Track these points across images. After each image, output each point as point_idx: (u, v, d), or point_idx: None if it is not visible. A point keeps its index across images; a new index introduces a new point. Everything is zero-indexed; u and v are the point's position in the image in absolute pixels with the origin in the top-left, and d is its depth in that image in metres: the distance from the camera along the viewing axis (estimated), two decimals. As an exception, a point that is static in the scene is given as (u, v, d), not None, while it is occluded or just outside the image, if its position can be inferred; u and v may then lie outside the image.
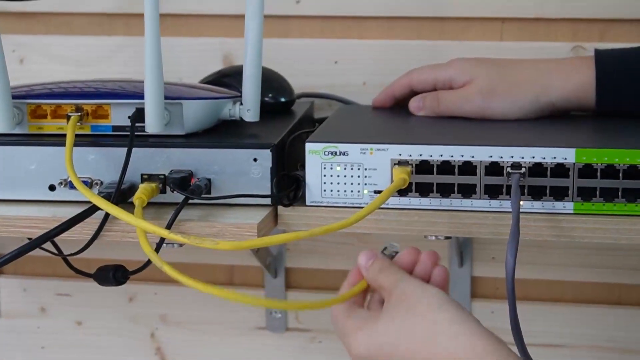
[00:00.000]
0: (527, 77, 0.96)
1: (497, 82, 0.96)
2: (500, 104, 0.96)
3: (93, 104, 0.90)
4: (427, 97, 1.00)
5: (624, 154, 0.81)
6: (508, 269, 0.77)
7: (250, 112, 0.91)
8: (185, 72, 1.22)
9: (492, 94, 0.96)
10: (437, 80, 0.99)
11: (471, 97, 0.96)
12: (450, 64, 1.00)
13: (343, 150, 0.84)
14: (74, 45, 1.26)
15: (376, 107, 1.06)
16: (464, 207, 0.84)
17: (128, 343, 1.33)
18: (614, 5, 1.14)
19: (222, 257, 1.30)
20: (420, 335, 0.71)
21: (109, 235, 0.85)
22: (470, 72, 0.97)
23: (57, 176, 0.88)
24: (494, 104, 0.96)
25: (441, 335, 0.71)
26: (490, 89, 0.96)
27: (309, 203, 0.85)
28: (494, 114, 0.96)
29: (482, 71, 0.97)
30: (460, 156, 0.83)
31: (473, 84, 0.96)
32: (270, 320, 1.29)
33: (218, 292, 0.71)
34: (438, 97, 0.99)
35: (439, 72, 1.00)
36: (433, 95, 0.99)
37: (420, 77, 1.01)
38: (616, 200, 0.82)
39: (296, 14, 1.21)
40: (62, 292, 1.33)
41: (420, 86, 1.01)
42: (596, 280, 1.22)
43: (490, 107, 0.96)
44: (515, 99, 0.96)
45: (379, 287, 0.77)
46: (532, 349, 1.21)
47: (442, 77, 0.99)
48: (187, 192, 0.84)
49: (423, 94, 1.00)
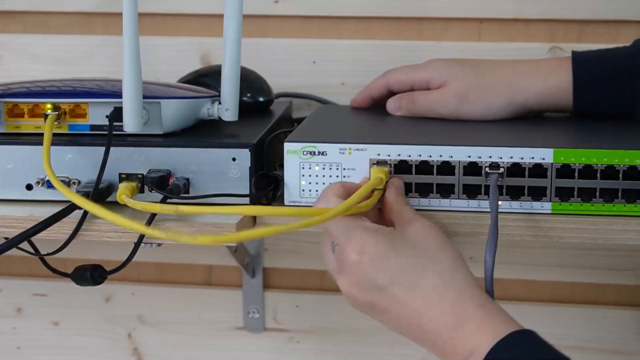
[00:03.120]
0: (501, 80, 0.97)
1: (471, 85, 0.96)
2: (474, 106, 0.96)
3: (71, 103, 0.89)
4: (404, 97, 1.00)
5: (602, 154, 0.81)
6: (487, 268, 0.77)
7: (229, 112, 0.91)
8: (163, 72, 1.21)
9: (466, 97, 0.96)
10: (414, 81, 1.00)
11: (446, 99, 0.97)
12: (427, 65, 1.00)
13: (322, 150, 0.84)
14: (51, 44, 1.25)
15: (354, 108, 1.06)
16: (443, 207, 0.84)
17: (105, 343, 1.33)
18: (591, 6, 1.15)
19: (201, 257, 1.30)
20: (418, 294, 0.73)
21: (87, 234, 0.84)
22: (446, 73, 0.98)
23: (34, 175, 0.87)
24: (467, 107, 0.96)
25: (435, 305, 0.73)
26: (464, 92, 0.96)
27: (288, 203, 0.85)
28: (467, 116, 0.97)
29: (458, 73, 0.97)
30: (439, 156, 0.83)
31: (448, 87, 0.97)
32: (248, 321, 1.29)
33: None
34: (414, 98, 0.99)
35: (415, 73, 1.00)
36: (409, 96, 1.00)
37: (397, 78, 1.01)
38: (594, 200, 0.82)
39: (274, 14, 1.21)
40: (39, 293, 1.33)
41: (397, 87, 1.02)
42: (573, 280, 1.23)
43: (464, 109, 0.97)
44: (489, 102, 0.96)
45: (398, 210, 0.79)
46: (510, 349, 1.22)
47: (418, 78, 1.00)
48: (165, 191, 0.83)
49: (400, 95, 1.01)
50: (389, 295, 0.74)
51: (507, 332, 0.70)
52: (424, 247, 0.75)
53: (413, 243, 0.75)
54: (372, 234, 0.75)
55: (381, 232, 0.76)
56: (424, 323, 0.73)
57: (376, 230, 0.76)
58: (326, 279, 1.27)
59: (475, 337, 0.70)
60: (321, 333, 1.28)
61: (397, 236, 0.76)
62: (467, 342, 0.71)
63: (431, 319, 0.73)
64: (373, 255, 0.74)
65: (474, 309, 0.72)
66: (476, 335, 0.70)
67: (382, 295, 0.74)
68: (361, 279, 0.75)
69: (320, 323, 1.28)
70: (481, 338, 0.70)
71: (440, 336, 0.72)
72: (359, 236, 0.75)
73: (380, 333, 1.26)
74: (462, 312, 0.72)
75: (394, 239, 0.75)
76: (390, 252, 0.74)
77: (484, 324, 0.71)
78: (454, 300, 0.73)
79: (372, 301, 0.75)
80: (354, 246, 0.75)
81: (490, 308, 0.72)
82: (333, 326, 1.27)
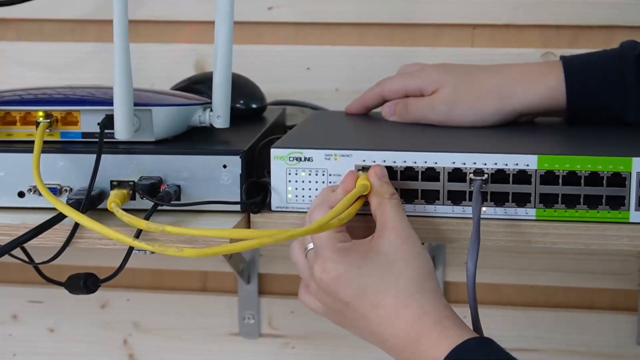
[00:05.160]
0: (491, 86, 0.97)
1: (461, 92, 0.97)
2: (463, 113, 0.97)
3: (62, 111, 0.90)
4: (399, 103, 1.01)
5: (586, 160, 0.81)
6: (469, 275, 0.78)
7: (220, 119, 0.91)
8: (158, 79, 1.21)
9: (456, 103, 0.97)
10: (407, 89, 1.01)
11: (436, 106, 0.98)
12: (420, 72, 1.01)
13: (308, 156, 0.84)
14: (46, 51, 1.26)
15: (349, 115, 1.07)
16: (428, 213, 0.84)
17: (101, 350, 1.33)
18: (584, 12, 1.15)
19: (196, 264, 1.30)
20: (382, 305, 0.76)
21: (81, 242, 0.85)
22: (437, 81, 0.99)
23: (26, 183, 0.87)
24: (457, 114, 0.97)
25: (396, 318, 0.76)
26: (454, 99, 0.97)
27: (274, 208, 0.85)
28: (458, 123, 0.97)
29: (448, 80, 0.98)
30: (424, 162, 0.83)
31: (439, 94, 0.98)
32: (243, 327, 1.29)
33: None
34: (407, 104, 1.00)
35: (408, 82, 1.01)
36: (403, 102, 1.01)
37: (391, 87, 1.02)
38: (578, 206, 0.82)
39: (268, 20, 1.21)
40: (34, 299, 1.33)
41: (391, 96, 1.03)
42: (568, 285, 1.23)
43: (455, 116, 0.98)
44: (478, 109, 0.97)
45: (378, 215, 0.80)
46: (505, 354, 1.22)
47: (411, 86, 1.01)
48: (156, 198, 0.83)
49: (396, 100, 1.02)
50: (353, 310, 0.77)
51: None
52: (393, 261, 0.77)
53: (384, 258, 0.77)
54: (341, 255, 0.77)
55: (352, 251, 0.78)
56: (386, 339, 0.76)
57: (346, 250, 0.78)
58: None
59: (434, 351, 0.73)
60: (316, 338, 1.28)
61: (369, 251, 0.78)
62: (427, 356, 0.74)
63: (392, 335, 0.76)
64: (338, 273, 0.77)
65: (431, 325, 0.74)
66: (434, 349, 0.73)
67: (347, 309, 0.78)
68: (327, 291, 0.78)
69: (316, 328, 1.28)
70: (439, 350, 0.73)
71: (403, 350, 0.76)
72: (327, 256, 0.78)
73: (375, 338, 1.26)
74: (420, 328, 0.75)
75: (365, 255, 0.77)
76: (356, 271, 0.77)
77: (441, 338, 0.73)
78: (413, 319, 0.75)
79: (339, 310, 0.78)
80: (320, 264, 0.78)
81: (449, 322, 0.75)
82: (328, 331, 1.28)
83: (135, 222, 0.79)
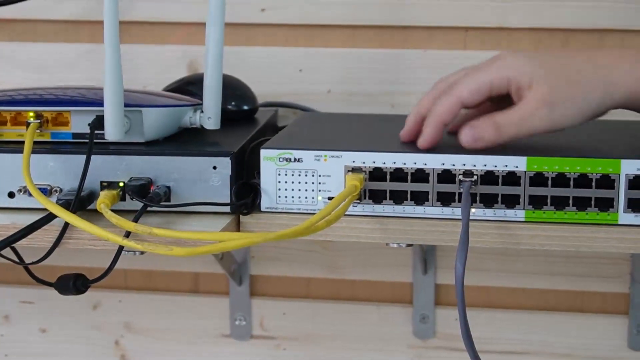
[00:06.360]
0: (590, 74, 0.81)
1: (561, 86, 0.80)
2: (570, 113, 0.81)
3: (53, 111, 0.90)
4: (481, 125, 0.82)
5: (575, 162, 0.81)
6: (457, 276, 0.78)
7: (211, 120, 0.91)
8: (150, 80, 1.22)
9: (556, 104, 0.80)
10: (492, 86, 0.82)
11: (535, 111, 0.80)
12: (501, 63, 0.83)
13: (297, 157, 0.85)
14: (38, 52, 1.26)
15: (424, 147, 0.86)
16: (417, 214, 0.84)
17: (92, 351, 1.33)
18: (575, 15, 1.15)
19: (187, 265, 1.30)
20: None
21: (70, 242, 0.85)
22: (530, 73, 0.81)
23: (16, 183, 0.87)
24: (561, 114, 0.80)
25: None
26: (554, 98, 0.80)
27: (264, 209, 0.86)
28: (561, 126, 0.81)
29: (539, 73, 0.81)
30: (413, 163, 0.83)
31: (533, 94, 0.80)
32: (235, 328, 1.29)
33: None
34: (496, 123, 0.81)
35: (492, 75, 0.82)
36: (488, 123, 0.81)
37: (469, 87, 0.82)
38: (567, 208, 0.82)
39: (261, 22, 1.21)
40: (26, 300, 1.33)
41: (472, 98, 0.83)
42: (559, 288, 1.23)
43: (558, 119, 0.80)
44: (585, 105, 0.81)
45: None
46: (495, 356, 1.23)
47: (498, 80, 0.82)
48: (146, 199, 0.83)
49: (473, 123, 0.82)
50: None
51: None
52: None
53: None
54: None
55: None
56: None
57: None
58: (312, 286, 1.27)
59: None
60: (308, 340, 1.28)
61: None
62: None
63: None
64: None
65: None
66: None
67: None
68: None
69: (307, 330, 1.28)
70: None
71: None
72: None
73: (367, 339, 1.27)
74: None
75: None
76: None
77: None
78: None
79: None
80: None
81: None
82: (320, 333, 1.28)
83: (123, 224, 0.79)
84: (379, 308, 1.26)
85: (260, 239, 0.74)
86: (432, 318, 1.24)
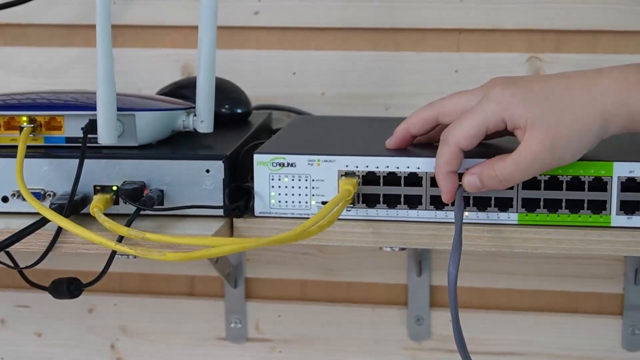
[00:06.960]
0: (584, 108, 0.79)
1: (556, 126, 0.78)
2: (568, 149, 0.79)
3: (46, 116, 0.90)
4: (483, 173, 0.81)
5: (567, 166, 0.81)
6: (450, 279, 0.78)
7: (204, 124, 0.91)
8: (144, 83, 1.22)
9: (555, 142, 0.78)
10: (489, 126, 0.80)
11: (536, 156, 0.78)
12: (495, 104, 0.80)
13: (291, 162, 0.85)
14: (32, 56, 1.26)
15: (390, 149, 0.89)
16: (410, 218, 0.84)
17: (88, 354, 1.33)
18: (568, 16, 1.15)
19: (183, 268, 1.30)
20: None
21: (64, 247, 0.85)
22: (524, 116, 0.78)
23: (10, 188, 0.88)
24: (561, 154, 0.79)
25: None
26: (552, 139, 0.78)
27: (257, 214, 0.86)
28: (565, 162, 0.80)
29: (536, 114, 0.78)
30: (406, 167, 0.83)
31: (531, 138, 0.78)
32: (230, 331, 1.29)
33: None
34: (495, 171, 0.80)
35: (489, 119, 0.79)
36: (489, 172, 0.80)
37: (469, 134, 0.80)
38: (560, 211, 0.83)
39: (254, 25, 1.21)
40: (22, 304, 1.33)
41: (472, 144, 0.81)
42: (554, 289, 1.23)
43: (559, 157, 0.79)
44: (579, 142, 0.79)
45: None
46: (490, 358, 1.23)
47: (494, 121, 0.79)
48: (139, 203, 0.84)
49: (474, 169, 0.81)
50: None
51: None
52: None
53: None
54: None
55: None
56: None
57: None
58: (308, 289, 1.27)
59: None
60: (303, 343, 1.28)
61: None
62: None
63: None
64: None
65: None
66: None
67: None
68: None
69: (302, 333, 1.28)
70: None
71: None
72: None
73: (362, 341, 1.27)
74: None
75: None
76: None
77: None
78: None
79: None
80: None
81: None
82: (315, 336, 1.28)
83: (116, 229, 0.79)
84: (374, 310, 1.26)
85: (253, 244, 0.75)
86: (427, 320, 1.24)
